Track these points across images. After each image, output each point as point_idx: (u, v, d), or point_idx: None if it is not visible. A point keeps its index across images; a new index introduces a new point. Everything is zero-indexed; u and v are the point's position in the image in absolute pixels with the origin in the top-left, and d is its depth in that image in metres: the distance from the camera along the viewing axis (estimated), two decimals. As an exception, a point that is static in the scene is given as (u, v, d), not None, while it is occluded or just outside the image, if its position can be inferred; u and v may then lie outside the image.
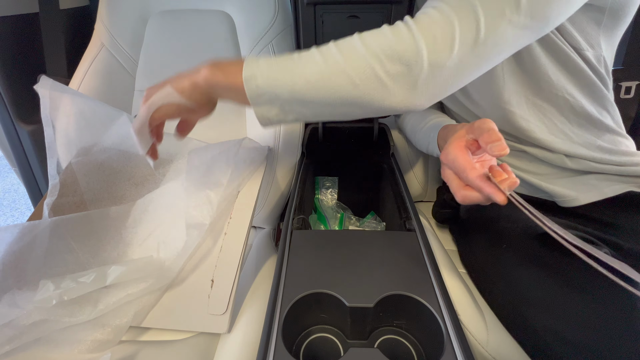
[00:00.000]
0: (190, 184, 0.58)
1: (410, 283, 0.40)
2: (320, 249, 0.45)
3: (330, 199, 0.70)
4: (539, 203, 0.57)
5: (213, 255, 0.52)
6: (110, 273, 0.47)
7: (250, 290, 0.55)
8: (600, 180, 0.52)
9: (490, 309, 0.52)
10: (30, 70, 0.76)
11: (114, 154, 0.63)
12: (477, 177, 0.34)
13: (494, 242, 0.55)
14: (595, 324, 0.39)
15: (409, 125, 0.67)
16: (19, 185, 1.97)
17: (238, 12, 0.73)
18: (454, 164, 0.36)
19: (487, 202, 0.35)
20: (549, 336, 0.42)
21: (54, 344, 0.44)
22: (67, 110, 0.61)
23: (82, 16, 0.88)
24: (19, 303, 0.45)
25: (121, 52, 0.74)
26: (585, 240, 0.48)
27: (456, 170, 0.36)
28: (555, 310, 0.42)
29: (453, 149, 0.37)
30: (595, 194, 0.52)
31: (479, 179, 0.34)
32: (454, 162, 0.36)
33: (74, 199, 0.58)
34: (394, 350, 0.39)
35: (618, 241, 0.48)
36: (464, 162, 0.35)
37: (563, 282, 0.43)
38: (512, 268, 0.50)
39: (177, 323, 0.48)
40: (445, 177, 0.38)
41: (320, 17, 0.55)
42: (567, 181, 0.54)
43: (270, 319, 0.36)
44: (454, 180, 0.37)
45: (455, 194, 0.37)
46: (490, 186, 0.33)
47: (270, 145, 0.68)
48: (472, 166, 0.35)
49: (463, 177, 0.35)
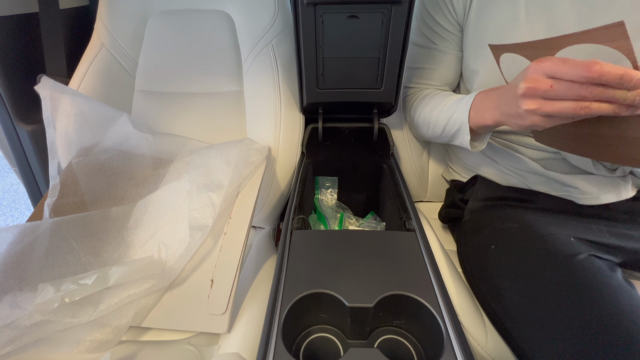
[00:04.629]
0: (192, 185, 0.58)
1: (410, 283, 0.40)
2: (320, 249, 0.45)
3: (330, 199, 0.70)
4: (558, 201, 0.57)
5: (213, 255, 0.52)
6: (112, 274, 0.48)
7: (250, 290, 0.55)
8: (627, 181, 0.53)
9: (481, 308, 0.53)
10: (30, 70, 0.76)
11: (115, 155, 0.63)
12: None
13: (485, 243, 0.55)
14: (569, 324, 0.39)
15: (427, 107, 0.64)
16: (19, 185, 1.97)
17: (238, 12, 0.73)
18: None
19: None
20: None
21: (54, 344, 0.44)
22: (67, 110, 0.61)
23: (82, 16, 0.88)
24: (20, 304, 0.45)
25: (121, 52, 0.74)
26: (596, 243, 0.48)
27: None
28: (535, 318, 0.43)
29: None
30: (614, 195, 0.52)
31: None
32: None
33: (75, 200, 0.58)
34: (394, 350, 0.39)
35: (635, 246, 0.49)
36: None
37: (544, 288, 0.43)
38: (496, 272, 0.50)
39: (177, 323, 0.48)
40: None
41: (320, 17, 0.55)
42: (593, 178, 0.54)
43: (270, 319, 0.36)
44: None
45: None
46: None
47: (270, 145, 0.68)
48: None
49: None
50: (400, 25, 0.55)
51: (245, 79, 0.72)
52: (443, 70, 0.66)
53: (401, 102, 0.75)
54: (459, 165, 0.73)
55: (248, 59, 0.71)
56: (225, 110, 0.72)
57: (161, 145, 0.66)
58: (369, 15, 0.54)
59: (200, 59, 0.73)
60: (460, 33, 0.61)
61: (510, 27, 0.52)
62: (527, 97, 0.39)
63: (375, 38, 0.57)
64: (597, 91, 0.34)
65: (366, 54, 0.59)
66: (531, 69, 0.38)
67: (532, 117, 0.40)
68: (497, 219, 0.57)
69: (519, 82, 0.39)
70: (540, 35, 0.49)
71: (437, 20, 0.62)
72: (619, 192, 0.52)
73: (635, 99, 0.33)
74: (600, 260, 0.45)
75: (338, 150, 0.71)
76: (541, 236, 0.48)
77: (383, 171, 0.67)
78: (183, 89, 0.73)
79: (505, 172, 0.62)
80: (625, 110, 0.35)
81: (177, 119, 0.73)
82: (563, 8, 0.48)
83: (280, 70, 0.70)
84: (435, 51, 0.64)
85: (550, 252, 0.46)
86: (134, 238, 0.57)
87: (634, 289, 0.41)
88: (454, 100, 0.58)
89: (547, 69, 0.36)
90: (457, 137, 0.57)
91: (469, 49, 0.59)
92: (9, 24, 0.73)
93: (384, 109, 0.69)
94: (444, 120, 0.59)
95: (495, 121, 0.48)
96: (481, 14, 0.56)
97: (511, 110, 0.42)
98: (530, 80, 0.38)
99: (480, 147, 0.56)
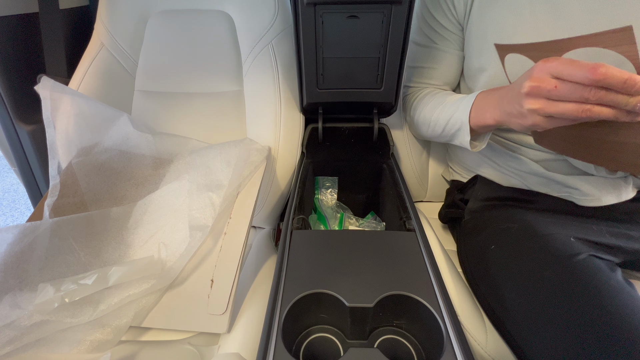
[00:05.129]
0: (192, 185, 0.58)
1: (410, 283, 0.40)
2: (320, 249, 0.45)
3: (330, 199, 0.70)
4: (558, 202, 0.57)
5: (213, 255, 0.52)
6: (111, 274, 0.48)
7: (250, 290, 0.55)
8: (627, 182, 0.53)
9: (482, 308, 0.52)
10: (30, 70, 0.76)
11: (115, 155, 0.63)
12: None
13: (485, 243, 0.55)
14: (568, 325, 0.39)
15: (428, 106, 0.64)
16: (19, 185, 1.97)
17: (238, 12, 0.73)
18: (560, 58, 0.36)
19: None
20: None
21: (54, 344, 0.44)
22: (67, 110, 0.61)
23: (82, 16, 0.88)
24: (20, 304, 0.45)
25: (121, 52, 0.74)
26: (596, 243, 0.48)
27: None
28: (535, 318, 0.43)
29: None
30: (615, 196, 0.52)
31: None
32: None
33: (75, 200, 0.58)
34: (394, 350, 0.39)
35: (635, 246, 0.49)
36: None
37: (544, 289, 0.43)
38: (496, 272, 0.50)
39: (177, 323, 0.48)
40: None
41: (320, 17, 0.55)
42: (594, 179, 0.54)
43: (270, 318, 0.36)
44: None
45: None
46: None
47: (270, 145, 0.68)
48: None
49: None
50: (400, 25, 0.55)
51: (245, 79, 0.72)
52: (443, 70, 0.66)
53: (401, 102, 0.75)
54: (459, 166, 0.73)
55: (248, 59, 0.71)
56: (225, 110, 0.72)
57: (161, 145, 0.66)
58: (369, 15, 0.54)
59: (200, 59, 0.73)
60: (461, 33, 0.61)
61: (515, 26, 0.52)
62: (530, 97, 0.39)
63: (375, 38, 0.57)
64: (600, 94, 0.34)
65: (366, 54, 0.59)
66: (537, 68, 0.38)
67: (534, 117, 0.40)
68: (497, 219, 0.57)
69: (524, 80, 0.39)
70: (546, 34, 0.49)
71: (437, 19, 0.62)
72: (620, 193, 0.52)
73: (637, 105, 0.34)
74: (600, 260, 0.45)
75: (338, 150, 0.71)
76: (541, 236, 0.48)
77: (383, 171, 0.67)
78: (183, 89, 0.73)
79: (506, 172, 0.62)
80: (625, 116, 0.35)
81: (177, 119, 0.73)
82: (569, 7, 0.48)
83: (280, 70, 0.70)
84: (436, 50, 0.64)
85: (550, 252, 0.46)
86: (134, 238, 0.57)
87: (633, 289, 0.41)
88: (454, 99, 0.58)
89: (553, 69, 0.36)
90: (457, 136, 0.57)
91: (471, 48, 0.59)
92: (9, 24, 0.73)
93: (384, 109, 0.69)
94: (445, 120, 0.58)
95: (496, 120, 0.48)
96: (484, 13, 0.55)
97: (513, 109, 0.43)
98: (535, 80, 0.38)
99: (480, 146, 0.56)
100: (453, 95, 0.61)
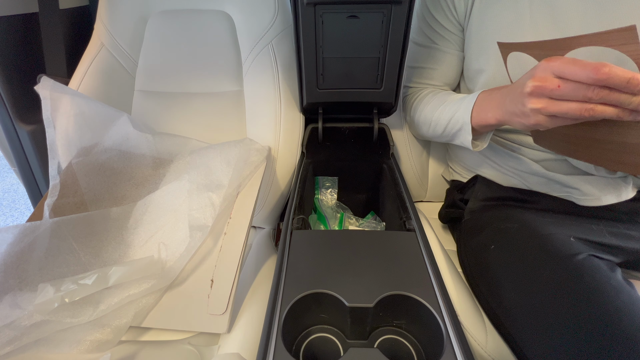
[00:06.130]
0: (192, 185, 0.58)
1: (410, 283, 0.40)
2: (320, 249, 0.45)
3: (330, 199, 0.70)
4: (558, 202, 0.57)
5: (213, 255, 0.52)
6: (112, 274, 0.48)
7: (250, 290, 0.55)
8: (627, 182, 0.53)
9: (481, 308, 0.53)
10: (30, 70, 0.76)
11: (115, 155, 0.63)
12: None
13: (485, 243, 0.55)
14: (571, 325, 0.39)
15: (428, 106, 0.64)
16: (19, 185, 1.97)
17: (238, 12, 0.73)
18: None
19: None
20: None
21: (54, 344, 0.44)
22: (67, 110, 0.61)
23: (82, 16, 0.88)
24: (20, 304, 0.45)
25: (121, 52, 0.74)
26: (596, 243, 0.48)
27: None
28: (535, 318, 0.43)
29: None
30: (615, 196, 0.52)
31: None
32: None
33: (75, 200, 0.58)
34: (394, 350, 0.39)
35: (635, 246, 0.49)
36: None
37: (546, 287, 0.43)
38: (495, 272, 0.50)
39: (177, 323, 0.48)
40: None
41: (320, 17, 0.55)
42: (594, 179, 0.54)
43: (270, 319, 0.36)
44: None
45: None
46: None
47: (270, 145, 0.68)
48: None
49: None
50: (400, 25, 0.55)
51: (245, 79, 0.72)
52: (443, 70, 0.66)
53: (401, 102, 0.75)
54: (459, 165, 0.73)
55: (248, 59, 0.71)
56: (225, 110, 0.72)
57: (161, 145, 0.66)
58: (369, 15, 0.54)
59: (200, 59, 0.73)
60: (461, 33, 0.61)
61: (515, 26, 0.52)
62: (533, 96, 0.39)
63: (375, 38, 0.57)
64: (602, 93, 0.34)
65: (366, 53, 0.59)
66: (540, 67, 0.38)
67: (537, 117, 0.40)
68: (497, 219, 0.57)
69: (527, 80, 0.39)
70: (545, 34, 0.49)
71: (438, 19, 0.62)
72: (620, 193, 0.52)
73: (639, 104, 0.34)
74: (600, 260, 0.45)
75: (338, 150, 0.71)
76: (541, 236, 0.48)
77: (383, 171, 0.67)
78: (183, 89, 0.73)
79: (506, 172, 0.62)
80: (628, 115, 0.35)
81: (177, 119, 0.73)
82: (568, 7, 0.48)
83: (280, 70, 0.70)
84: (436, 51, 0.64)
85: (550, 252, 0.46)
86: (134, 238, 0.57)
87: (633, 289, 0.41)
88: (455, 99, 0.58)
89: (556, 69, 0.36)
90: (459, 136, 0.57)
91: (471, 49, 0.59)
92: (9, 24, 0.73)
93: (383, 109, 0.69)
94: (446, 120, 0.58)
95: (498, 120, 0.48)
96: (484, 14, 0.55)
97: (516, 109, 0.43)
98: (538, 79, 0.38)
99: (482, 146, 0.56)
100: (454, 95, 0.61)
